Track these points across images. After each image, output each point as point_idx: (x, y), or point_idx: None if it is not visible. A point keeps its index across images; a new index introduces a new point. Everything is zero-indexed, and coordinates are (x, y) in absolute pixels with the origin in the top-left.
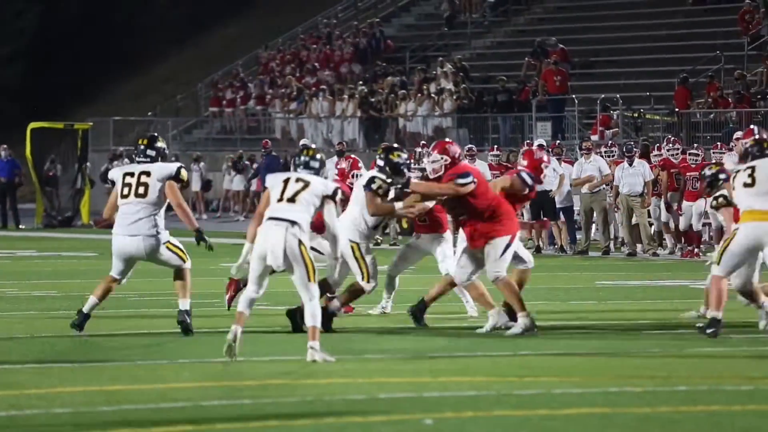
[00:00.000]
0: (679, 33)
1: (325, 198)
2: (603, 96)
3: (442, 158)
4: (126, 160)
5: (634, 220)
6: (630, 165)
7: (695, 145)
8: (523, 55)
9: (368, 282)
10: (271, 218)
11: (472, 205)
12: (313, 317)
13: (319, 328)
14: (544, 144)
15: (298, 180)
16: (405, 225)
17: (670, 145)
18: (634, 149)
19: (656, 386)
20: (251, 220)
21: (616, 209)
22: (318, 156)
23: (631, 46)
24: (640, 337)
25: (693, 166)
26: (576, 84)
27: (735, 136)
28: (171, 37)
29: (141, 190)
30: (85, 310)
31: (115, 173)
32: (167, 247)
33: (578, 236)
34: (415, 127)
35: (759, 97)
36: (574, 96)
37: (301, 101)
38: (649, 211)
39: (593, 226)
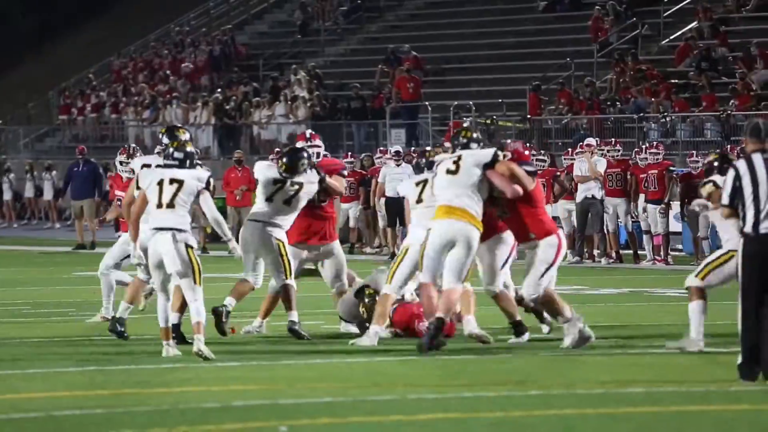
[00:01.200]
0: (529, 40)
1: (200, 191)
2: (456, 103)
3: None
4: None
5: None
6: None
7: (542, 151)
8: (377, 62)
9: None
10: (155, 228)
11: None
12: (198, 314)
13: (204, 323)
14: (401, 150)
15: (171, 181)
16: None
17: None
18: None
19: (510, 391)
20: (131, 223)
21: None
22: (188, 149)
23: (483, 53)
24: (493, 342)
25: (541, 171)
26: (429, 91)
27: (586, 142)
28: (22, 44)
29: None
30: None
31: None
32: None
33: None
34: (269, 135)
35: (609, 103)
36: (427, 103)
37: (154, 109)
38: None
39: None
